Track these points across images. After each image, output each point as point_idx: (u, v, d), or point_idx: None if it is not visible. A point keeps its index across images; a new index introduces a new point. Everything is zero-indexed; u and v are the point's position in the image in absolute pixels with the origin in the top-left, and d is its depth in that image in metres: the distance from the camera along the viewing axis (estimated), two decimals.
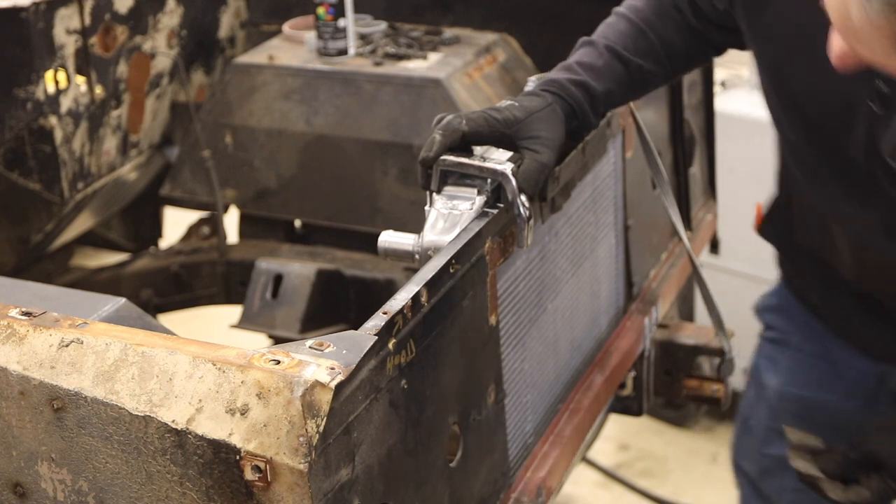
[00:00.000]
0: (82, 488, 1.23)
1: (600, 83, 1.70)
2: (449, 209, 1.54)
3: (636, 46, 1.75)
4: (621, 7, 1.81)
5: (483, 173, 1.55)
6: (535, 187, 1.56)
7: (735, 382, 2.28)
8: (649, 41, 1.76)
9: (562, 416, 1.86)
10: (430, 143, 1.55)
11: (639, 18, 1.77)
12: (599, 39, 1.75)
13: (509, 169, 1.55)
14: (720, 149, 2.99)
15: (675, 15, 1.78)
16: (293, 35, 2.94)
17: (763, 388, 2.05)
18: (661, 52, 1.77)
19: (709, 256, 3.49)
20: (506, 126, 1.58)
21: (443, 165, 1.56)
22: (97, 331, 1.24)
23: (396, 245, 1.56)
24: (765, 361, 2.06)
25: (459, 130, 1.56)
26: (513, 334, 1.66)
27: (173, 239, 3.20)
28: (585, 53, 1.74)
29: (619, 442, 3.78)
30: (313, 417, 1.12)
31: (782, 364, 2.01)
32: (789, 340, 2.00)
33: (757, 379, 2.07)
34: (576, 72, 1.69)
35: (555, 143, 1.61)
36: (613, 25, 1.78)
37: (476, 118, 1.58)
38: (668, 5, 1.78)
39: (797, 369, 1.99)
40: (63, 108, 2.62)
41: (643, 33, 1.76)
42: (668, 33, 1.77)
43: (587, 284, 1.97)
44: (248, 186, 2.87)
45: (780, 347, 2.01)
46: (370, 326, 1.25)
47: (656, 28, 1.77)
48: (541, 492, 1.71)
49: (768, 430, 2.03)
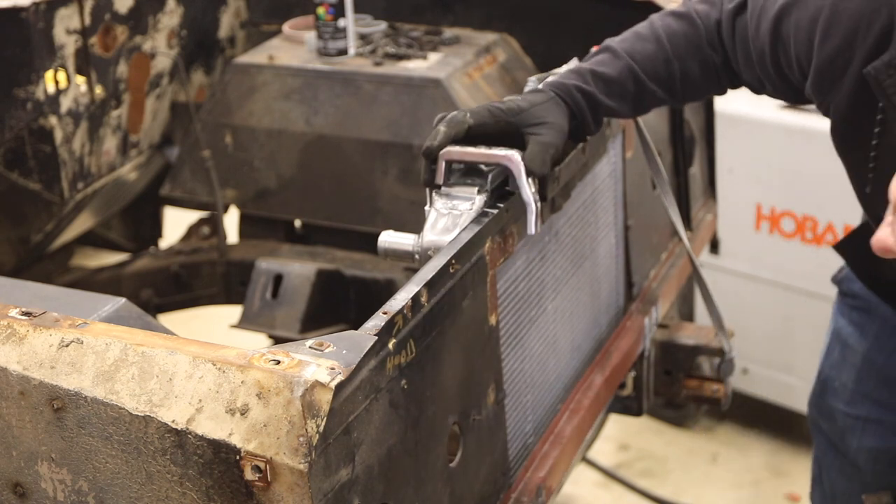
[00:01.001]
0: (82, 488, 1.23)
1: (608, 98, 1.72)
2: (449, 209, 1.54)
3: (656, 73, 1.75)
4: (657, 22, 1.79)
5: (490, 159, 1.55)
6: (542, 167, 1.57)
7: (735, 382, 2.28)
8: (671, 71, 1.76)
9: (562, 416, 1.86)
10: (434, 134, 1.56)
11: (670, 44, 1.76)
12: (623, 54, 1.75)
13: (516, 154, 1.55)
14: (720, 149, 2.99)
15: (707, 51, 1.77)
16: (293, 35, 2.94)
17: (850, 351, 2.07)
18: (678, 84, 1.78)
19: (709, 256, 3.49)
20: (510, 115, 1.60)
21: (448, 156, 1.56)
22: (97, 331, 1.24)
23: (396, 245, 1.56)
24: (852, 327, 2.07)
25: (465, 123, 1.57)
26: (513, 334, 1.66)
27: (173, 239, 3.19)
28: (604, 63, 1.74)
29: (619, 442, 3.78)
30: (313, 417, 1.12)
31: (870, 330, 2.03)
32: (876, 310, 2.03)
33: (843, 341, 2.09)
34: (586, 81, 1.71)
35: (560, 125, 1.63)
36: (643, 43, 1.76)
37: (480, 111, 1.59)
38: (702, 40, 1.77)
39: (885, 337, 2.03)
40: (63, 108, 2.62)
41: (668, 63, 1.76)
42: (692, 67, 1.77)
43: (587, 284, 1.97)
44: (248, 186, 2.87)
45: (867, 315, 2.04)
46: (370, 326, 1.25)
47: (683, 59, 1.76)
48: (541, 492, 1.71)
49: (853, 392, 2.06)
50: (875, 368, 2.03)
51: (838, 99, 1.60)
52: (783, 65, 1.67)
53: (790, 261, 3.34)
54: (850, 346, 2.07)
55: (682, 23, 1.78)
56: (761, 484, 3.55)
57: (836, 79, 1.58)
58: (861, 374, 2.05)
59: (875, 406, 2.03)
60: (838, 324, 2.10)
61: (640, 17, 1.88)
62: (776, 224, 3.35)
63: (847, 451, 2.09)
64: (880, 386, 2.03)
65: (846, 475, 2.11)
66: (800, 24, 1.60)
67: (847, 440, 2.09)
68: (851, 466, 2.09)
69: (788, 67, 1.66)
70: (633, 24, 1.84)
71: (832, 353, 2.12)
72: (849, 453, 2.09)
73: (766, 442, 3.72)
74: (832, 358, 2.12)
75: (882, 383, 2.02)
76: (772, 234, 3.37)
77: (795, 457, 3.61)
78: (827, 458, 2.15)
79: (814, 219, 3.26)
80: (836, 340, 2.11)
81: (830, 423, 2.12)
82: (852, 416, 2.07)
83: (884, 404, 2.03)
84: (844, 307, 2.09)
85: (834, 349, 2.11)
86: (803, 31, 1.60)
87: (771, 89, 1.75)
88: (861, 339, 2.05)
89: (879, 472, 2.06)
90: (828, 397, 2.12)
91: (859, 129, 1.60)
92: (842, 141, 1.67)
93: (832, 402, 2.11)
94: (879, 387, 2.03)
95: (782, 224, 3.34)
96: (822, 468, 2.18)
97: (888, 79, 1.50)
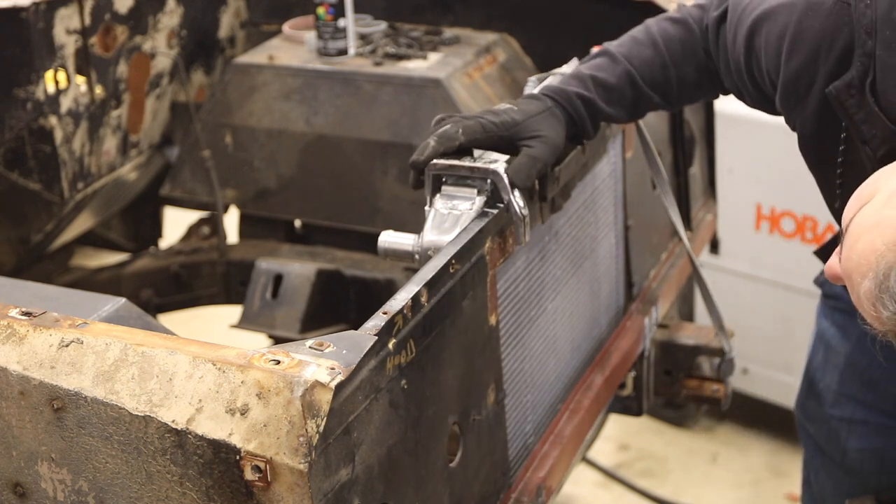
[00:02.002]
0: (82, 488, 1.23)
1: (608, 105, 1.73)
2: (449, 209, 1.55)
3: (653, 78, 1.76)
4: (654, 27, 1.80)
5: (474, 173, 1.56)
6: (525, 181, 1.57)
7: (735, 382, 2.28)
8: (668, 76, 1.77)
9: (562, 416, 1.86)
10: (423, 146, 1.58)
11: (667, 50, 1.77)
12: (621, 59, 1.75)
13: (501, 167, 1.55)
14: (720, 149, 2.99)
15: (702, 56, 1.78)
16: (293, 35, 2.94)
17: (833, 353, 2.07)
18: (675, 89, 1.79)
19: (709, 256, 3.49)
20: (503, 129, 1.60)
21: (434, 170, 1.57)
22: (97, 331, 1.24)
23: (396, 245, 1.56)
24: (835, 328, 2.07)
25: (456, 140, 1.58)
26: (513, 334, 1.66)
27: (173, 239, 3.19)
28: (603, 68, 1.75)
29: (619, 442, 3.78)
30: (313, 417, 1.12)
31: (853, 332, 2.03)
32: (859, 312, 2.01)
33: (826, 343, 2.09)
34: (588, 87, 1.71)
35: (553, 140, 1.63)
36: (640, 47, 1.77)
37: (472, 126, 1.59)
38: (697, 44, 1.77)
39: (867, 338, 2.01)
40: (63, 108, 2.62)
41: (665, 68, 1.77)
42: (688, 71, 1.78)
43: (587, 284, 1.97)
44: (248, 186, 2.87)
45: (849, 317, 2.03)
46: (370, 326, 1.25)
47: (679, 65, 1.77)
48: (541, 492, 1.71)
49: (837, 394, 2.06)
50: (858, 370, 2.02)
51: (804, 116, 1.60)
52: (756, 76, 1.67)
53: (790, 261, 3.34)
54: (834, 347, 2.06)
55: (678, 28, 1.78)
56: (761, 484, 3.55)
57: (801, 96, 1.58)
58: (844, 376, 2.04)
59: (860, 407, 2.03)
60: (821, 326, 2.10)
61: (640, 17, 1.88)
62: (776, 224, 3.35)
63: (834, 454, 2.09)
64: (864, 387, 2.02)
65: (834, 477, 2.11)
66: (769, 39, 1.60)
67: (833, 442, 2.08)
68: (839, 468, 2.09)
69: (761, 79, 1.66)
70: (633, 25, 1.84)
71: (816, 355, 2.12)
72: (835, 455, 2.08)
73: (766, 442, 3.72)
74: (816, 360, 2.11)
75: (866, 385, 2.01)
76: (772, 234, 3.37)
77: (795, 457, 3.60)
78: (815, 461, 2.15)
79: (814, 219, 3.26)
80: (819, 343, 2.11)
81: (816, 425, 2.12)
82: (837, 418, 2.06)
83: (868, 405, 2.02)
84: (827, 309, 2.09)
85: (818, 351, 2.11)
86: (772, 47, 1.60)
87: (749, 100, 1.76)
88: (844, 341, 2.04)
89: (866, 473, 2.05)
90: (813, 399, 2.12)
91: (826, 146, 1.60)
92: (809, 157, 1.68)
93: (817, 405, 2.10)
94: (863, 388, 2.02)
95: (782, 224, 3.34)
96: (810, 471, 2.18)
97: (850, 98, 1.49)
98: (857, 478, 2.06)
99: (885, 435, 2.01)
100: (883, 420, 2.01)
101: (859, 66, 1.48)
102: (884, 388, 1.99)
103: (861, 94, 1.48)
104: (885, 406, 2.00)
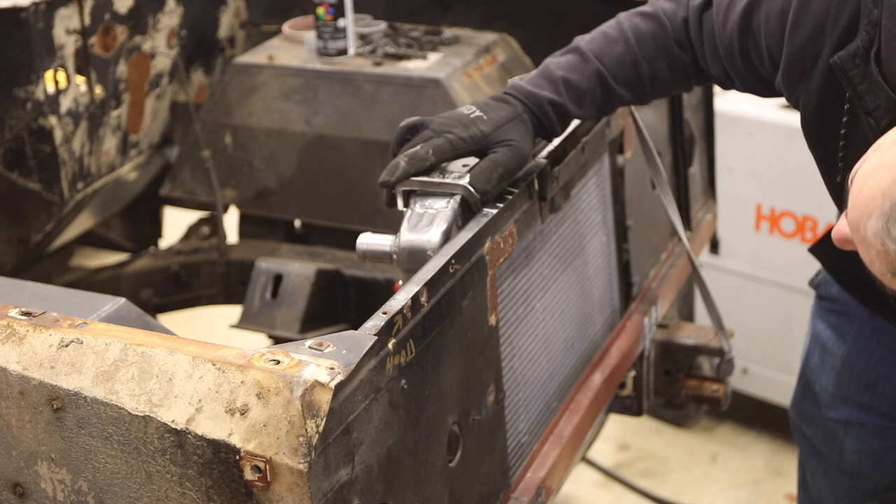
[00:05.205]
0: (82, 488, 1.23)
1: (578, 108, 1.74)
2: (424, 208, 1.56)
3: (625, 76, 1.76)
4: (626, 23, 1.79)
5: (444, 189, 1.57)
6: (485, 184, 1.58)
7: (735, 382, 2.28)
8: (639, 73, 1.77)
9: (561, 416, 1.86)
10: (393, 166, 1.60)
11: (638, 46, 1.76)
12: (592, 58, 1.75)
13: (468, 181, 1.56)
14: (720, 149, 2.99)
15: (675, 50, 1.77)
16: (293, 35, 2.94)
17: (829, 354, 2.06)
18: (647, 85, 1.79)
19: (709, 256, 3.49)
20: (472, 144, 1.63)
21: (405, 186, 1.60)
22: (97, 331, 1.24)
23: (374, 246, 1.58)
24: (831, 330, 2.07)
25: (426, 161, 1.60)
26: (513, 334, 1.66)
27: (173, 239, 3.19)
28: (573, 68, 1.74)
29: (619, 442, 3.78)
30: (313, 417, 1.12)
31: (849, 334, 2.02)
32: (855, 312, 2.02)
33: (822, 345, 2.08)
34: (559, 91, 1.72)
35: (518, 148, 1.65)
36: (611, 45, 1.77)
37: (442, 146, 1.61)
38: (669, 39, 1.77)
39: (864, 340, 2.02)
40: (63, 108, 2.62)
41: (636, 64, 1.76)
42: (660, 67, 1.78)
43: (586, 284, 1.97)
44: (248, 186, 2.87)
45: (845, 318, 2.03)
46: (370, 326, 1.25)
47: (652, 61, 1.77)
48: (540, 492, 1.71)
49: (833, 396, 2.05)
50: (855, 372, 2.02)
51: (808, 90, 1.60)
52: (753, 57, 1.67)
53: (790, 261, 3.34)
54: (829, 349, 2.06)
55: (649, 23, 1.78)
56: (761, 484, 3.55)
57: (805, 70, 1.58)
58: (841, 378, 2.04)
59: (857, 409, 2.02)
60: (817, 328, 2.09)
61: None
62: (776, 224, 3.35)
63: (830, 455, 2.08)
64: (861, 389, 2.01)
65: (830, 479, 2.10)
66: (770, 16, 1.61)
67: (830, 444, 2.08)
68: (835, 470, 2.08)
69: (759, 60, 1.66)
70: None
71: (811, 357, 2.11)
72: (832, 457, 2.08)
73: (766, 442, 3.72)
74: (812, 362, 2.11)
75: (863, 386, 2.01)
76: (772, 234, 3.37)
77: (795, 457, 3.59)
78: (811, 463, 2.14)
79: (814, 219, 3.26)
80: (814, 344, 2.10)
81: (812, 427, 2.11)
82: (834, 420, 2.05)
83: (865, 407, 2.01)
84: (822, 311, 2.08)
85: (813, 353, 2.10)
86: (774, 23, 1.60)
87: (739, 84, 1.75)
88: (840, 343, 2.04)
89: (863, 474, 2.05)
90: (809, 401, 2.11)
91: (829, 119, 1.59)
92: (812, 132, 1.67)
93: (813, 407, 2.10)
94: (860, 390, 2.01)
95: (782, 224, 3.34)
96: (806, 472, 2.17)
97: (854, 69, 1.49)
98: (853, 479, 2.06)
99: (882, 436, 2.01)
100: (880, 421, 2.01)
101: (864, 35, 1.47)
102: (881, 389, 1.99)
103: (866, 64, 1.47)
104: (882, 407, 2.00)
